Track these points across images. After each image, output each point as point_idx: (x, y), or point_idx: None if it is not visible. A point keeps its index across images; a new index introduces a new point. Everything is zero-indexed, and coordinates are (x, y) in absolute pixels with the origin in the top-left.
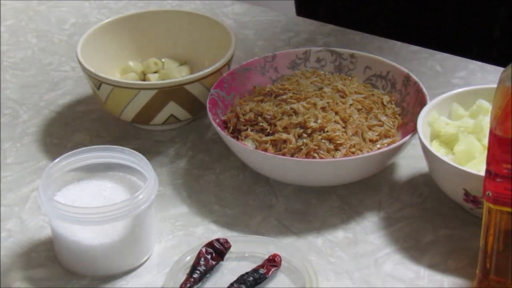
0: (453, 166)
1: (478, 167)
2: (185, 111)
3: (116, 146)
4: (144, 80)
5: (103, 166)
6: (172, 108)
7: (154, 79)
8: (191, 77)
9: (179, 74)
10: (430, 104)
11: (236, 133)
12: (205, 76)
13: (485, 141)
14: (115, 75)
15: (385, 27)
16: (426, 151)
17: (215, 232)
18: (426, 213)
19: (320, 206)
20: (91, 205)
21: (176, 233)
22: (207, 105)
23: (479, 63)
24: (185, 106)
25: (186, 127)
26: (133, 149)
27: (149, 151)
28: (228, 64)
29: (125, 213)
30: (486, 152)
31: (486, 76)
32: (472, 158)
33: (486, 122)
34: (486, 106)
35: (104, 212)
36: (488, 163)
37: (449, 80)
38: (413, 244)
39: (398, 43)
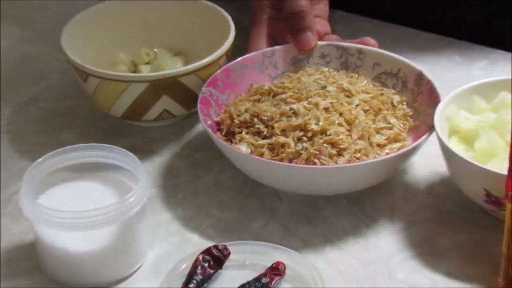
0: (473, 165)
1: (500, 165)
2: (179, 106)
3: (104, 145)
4: (134, 72)
5: (90, 166)
6: (165, 103)
7: (145, 71)
8: (186, 69)
9: (173, 66)
10: (448, 98)
11: (230, 136)
12: (201, 67)
13: (508, 137)
14: (103, 67)
15: (398, 13)
16: (444, 148)
17: (213, 237)
18: (443, 216)
19: (327, 209)
20: (77, 208)
21: (170, 239)
22: (198, 105)
23: (502, 52)
24: (179, 100)
25: (181, 123)
26: (123, 147)
27: (141, 149)
28: (226, 54)
29: (115, 217)
30: (509, 149)
31: (510, 66)
32: (494, 156)
33: (509, 116)
34: (509, 99)
35: (92, 216)
36: (511, 161)
37: (468, 70)
38: (429, 250)
39: (412, 31)
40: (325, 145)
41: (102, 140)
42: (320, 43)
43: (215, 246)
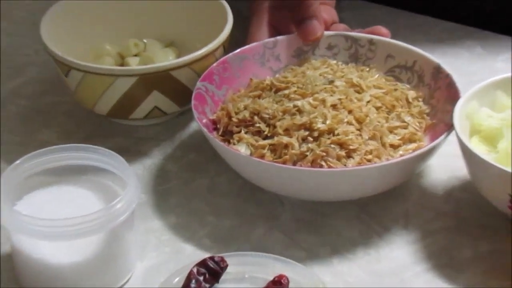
0: (496, 167)
1: None
2: (171, 102)
3: (89, 145)
4: (122, 65)
5: (73, 169)
6: (156, 99)
7: (134, 64)
8: (178, 62)
9: (164, 58)
10: (469, 93)
11: (228, 136)
12: (195, 60)
13: None
14: (87, 59)
15: (413, 0)
16: (464, 149)
17: (209, 248)
18: (463, 224)
19: (335, 217)
20: (59, 216)
21: (162, 249)
22: (192, 102)
23: None
24: (171, 96)
25: (173, 122)
26: (109, 148)
27: (129, 150)
28: (223, 45)
29: (100, 226)
30: None
31: None
32: None
33: None
34: None
35: (75, 224)
36: None
37: (491, 63)
38: (448, 261)
39: (430, 19)
40: (332, 146)
41: (86, 140)
42: (327, 33)
43: (211, 258)
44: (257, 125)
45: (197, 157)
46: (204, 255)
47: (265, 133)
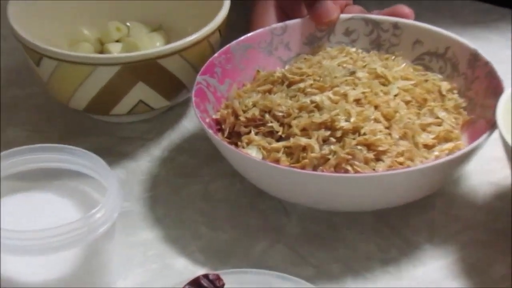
0: None
1: None
2: (159, 96)
3: (64, 146)
4: (102, 52)
5: (46, 173)
6: (141, 92)
7: (115, 51)
8: (167, 48)
9: (150, 44)
10: None
11: (235, 138)
12: (186, 46)
13: None
14: (62, 46)
15: None
16: (509, 151)
17: (202, 264)
18: (498, 236)
19: (348, 228)
20: (28, 227)
21: (148, 265)
22: (193, 99)
23: None
24: (159, 88)
25: (162, 118)
26: (88, 149)
27: (111, 152)
28: (219, 30)
29: (76, 239)
30: None
31: None
32: None
33: None
34: None
35: (48, 237)
36: None
37: None
38: (481, 280)
39: (457, 1)
40: (359, 147)
41: (60, 140)
42: (343, 16)
43: (205, 276)
44: (269, 124)
45: (189, 160)
46: (197, 272)
47: (279, 133)
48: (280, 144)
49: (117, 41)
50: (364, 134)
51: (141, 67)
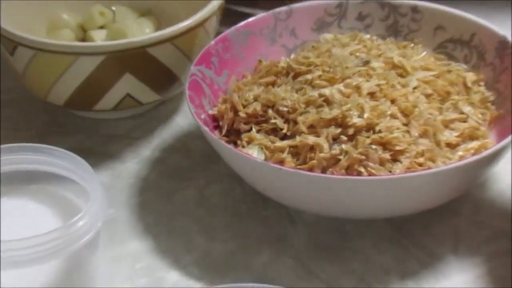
0: None
1: None
2: (149, 89)
3: (42, 145)
4: (84, 40)
5: (21, 176)
6: (128, 84)
7: (99, 39)
8: (157, 36)
9: (138, 31)
10: None
11: (233, 136)
12: (179, 33)
13: None
14: (39, 33)
15: None
16: None
17: (197, 278)
18: None
19: (361, 237)
20: (2, 237)
21: (136, 280)
22: (186, 92)
23: None
24: (149, 81)
25: (151, 115)
26: (68, 149)
27: (94, 152)
28: (216, 15)
29: (56, 250)
30: None
31: None
32: None
33: None
34: None
35: (24, 248)
36: None
37: None
38: None
39: None
40: (373, 146)
41: (37, 138)
42: None
43: None
44: (273, 121)
45: (182, 161)
46: (191, 287)
47: (283, 131)
48: (285, 143)
49: (101, 27)
50: (379, 131)
51: (128, 56)
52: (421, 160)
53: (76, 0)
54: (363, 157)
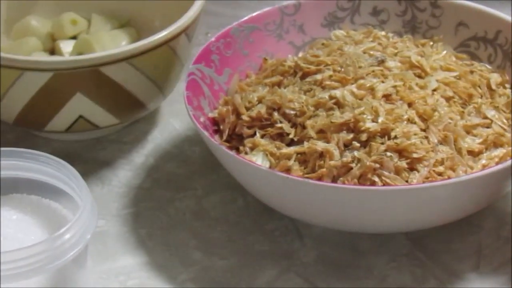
0: None
1: None
2: (105, 112)
3: (23, 149)
4: (52, 50)
5: (2, 184)
6: (81, 105)
7: (66, 50)
8: (111, 54)
9: (112, 44)
10: None
11: (236, 142)
12: (137, 53)
13: None
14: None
15: None
16: None
17: None
18: None
19: (375, 254)
20: None
21: None
22: (184, 93)
23: None
24: (104, 103)
25: (144, 117)
26: (52, 153)
27: (82, 157)
28: (186, 33)
29: (41, 265)
30: None
31: None
32: None
33: None
34: None
35: (6, 263)
36: None
37: None
38: None
39: None
40: (389, 153)
41: (17, 142)
42: None
43: None
44: (278, 125)
45: (178, 169)
46: None
47: (290, 136)
48: (292, 149)
49: (72, 38)
50: (395, 137)
51: (78, 75)
52: (440, 169)
53: (50, 4)
54: (377, 165)
